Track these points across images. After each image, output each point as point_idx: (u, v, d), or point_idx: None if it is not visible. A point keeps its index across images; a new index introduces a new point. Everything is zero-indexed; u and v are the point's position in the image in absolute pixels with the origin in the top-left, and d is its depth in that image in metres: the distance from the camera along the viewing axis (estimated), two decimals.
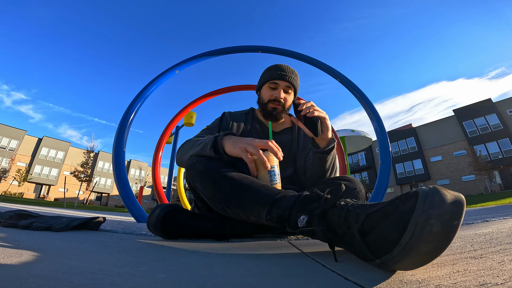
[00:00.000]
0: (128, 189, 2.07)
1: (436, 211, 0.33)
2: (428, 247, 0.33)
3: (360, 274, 0.38)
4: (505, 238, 0.64)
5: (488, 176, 19.60)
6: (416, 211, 0.34)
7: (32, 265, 0.39)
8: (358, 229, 0.42)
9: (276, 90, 1.05)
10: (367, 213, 0.43)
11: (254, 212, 0.64)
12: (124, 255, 0.53)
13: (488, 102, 21.27)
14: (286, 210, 0.57)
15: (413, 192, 0.38)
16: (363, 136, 5.19)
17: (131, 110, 2.19)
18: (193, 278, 0.36)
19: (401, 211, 0.37)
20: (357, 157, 29.89)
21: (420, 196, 0.35)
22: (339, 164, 2.84)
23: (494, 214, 1.54)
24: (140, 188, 8.53)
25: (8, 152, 24.19)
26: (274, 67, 1.08)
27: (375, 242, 0.39)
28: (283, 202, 0.60)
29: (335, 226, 0.48)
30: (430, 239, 0.33)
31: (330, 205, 0.51)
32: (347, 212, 0.47)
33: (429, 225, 0.33)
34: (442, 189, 0.35)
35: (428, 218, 0.33)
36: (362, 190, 0.81)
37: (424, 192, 0.35)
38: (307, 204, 0.56)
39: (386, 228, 0.38)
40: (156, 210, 0.82)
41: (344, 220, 0.46)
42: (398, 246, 0.34)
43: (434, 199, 0.34)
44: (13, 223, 0.96)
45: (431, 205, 0.33)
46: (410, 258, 0.34)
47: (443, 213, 0.33)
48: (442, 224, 0.33)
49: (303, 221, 0.53)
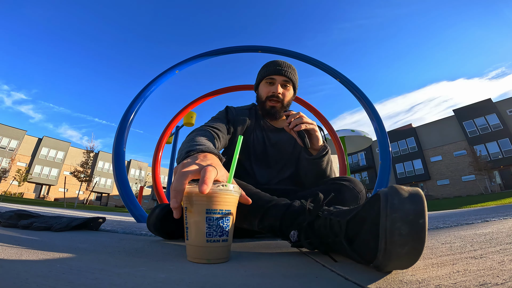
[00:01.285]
0: (128, 189, 2.07)
1: (398, 214, 0.33)
2: (406, 249, 0.33)
3: (360, 274, 0.38)
4: (505, 238, 0.64)
5: (488, 176, 19.59)
6: (381, 217, 0.34)
7: (32, 265, 0.39)
8: (344, 237, 0.43)
9: (274, 86, 1.02)
10: (346, 220, 0.43)
11: (246, 220, 0.64)
12: (124, 255, 0.53)
13: (488, 102, 21.26)
14: (277, 221, 0.58)
15: (376, 195, 0.38)
16: (363, 136, 5.19)
17: (131, 110, 2.19)
18: (193, 278, 0.36)
19: (372, 216, 0.38)
20: (357, 157, 29.89)
21: (381, 200, 0.35)
22: (339, 164, 2.84)
23: (494, 214, 1.54)
24: (140, 188, 8.53)
25: (8, 152, 24.18)
26: (270, 63, 1.06)
27: (361, 249, 0.40)
28: (273, 212, 0.60)
29: (324, 236, 0.48)
30: (404, 241, 0.33)
31: (314, 216, 0.52)
32: (330, 221, 0.47)
33: (396, 229, 0.33)
34: (399, 188, 0.35)
35: (394, 223, 0.33)
36: (362, 190, 0.80)
37: (384, 194, 0.36)
38: (295, 218, 0.57)
39: (366, 234, 0.39)
40: (156, 210, 0.82)
41: (330, 230, 0.47)
42: (379, 251, 0.34)
43: (393, 201, 0.34)
44: (13, 223, 0.96)
45: (392, 209, 0.33)
46: (395, 261, 0.34)
47: (406, 214, 0.33)
48: (408, 225, 0.32)
49: (294, 235, 0.54)
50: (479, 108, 21.51)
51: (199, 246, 0.45)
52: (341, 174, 2.85)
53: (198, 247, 0.45)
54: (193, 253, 0.46)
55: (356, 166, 29.56)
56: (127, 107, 2.21)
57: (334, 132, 3.04)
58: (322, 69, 2.57)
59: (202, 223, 0.44)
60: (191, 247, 0.46)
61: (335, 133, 3.06)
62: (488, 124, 20.90)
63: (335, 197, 0.62)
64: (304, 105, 3.02)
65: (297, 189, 0.94)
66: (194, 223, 0.45)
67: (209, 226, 0.44)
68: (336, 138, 3.01)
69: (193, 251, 0.46)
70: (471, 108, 21.99)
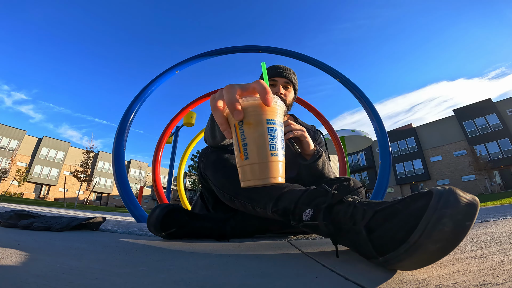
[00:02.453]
0: (128, 189, 2.07)
1: (450, 210, 0.33)
2: (436, 246, 0.33)
3: (360, 274, 0.38)
4: (505, 238, 0.64)
5: (488, 176, 19.60)
6: (429, 209, 0.34)
7: (32, 265, 0.39)
8: (365, 226, 0.42)
9: (275, 87, 1.07)
10: (374, 210, 0.43)
11: (260, 203, 0.65)
12: (124, 255, 0.52)
13: (488, 102, 21.27)
14: (292, 203, 0.58)
15: (426, 192, 0.37)
16: (363, 136, 5.20)
17: (131, 110, 2.19)
18: (193, 278, 0.36)
19: (412, 209, 0.37)
20: (357, 157, 29.89)
21: (435, 195, 0.35)
22: (339, 164, 2.84)
23: (494, 214, 1.54)
24: (140, 188, 8.54)
25: (8, 152, 24.18)
26: (271, 67, 1.11)
27: (381, 240, 0.39)
28: (289, 195, 0.60)
29: (341, 222, 0.47)
30: (440, 238, 0.32)
31: (337, 200, 0.50)
32: (354, 208, 0.46)
33: (441, 224, 0.32)
34: (457, 190, 0.35)
35: (441, 217, 0.32)
36: (362, 190, 0.81)
37: (439, 191, 0.35)
38: (314, 198, 0.56)
39: (394, 226, 0.38)
40: (156, 210, 0.82)
41: (350, 216, 0.46)
42: (406, 243, 0.34)
43: (449, 198, 0.33)
44: (13, 223, 0.96)
45: (445, 204, 0.33)
46: (415, 257, 0.34)
47: (457, 213, 0.33)
48: (454, 223, 0.32)
49: (308, 214, 0.53)
50: (479, 108, 21.52)
51: (264, 162, 0.41)
52: (341, 174, 2.85)
53: (262, 164, 0.41)
54: (257, 172, 0.41)
55: (356, 166, 29.57)
56: (127, 107, 2.21)
57: (334, 132, 3.04)
58: (322, 69, 2.57)
59: (265, 134, 0.41)
60: (253, 166, 0.41)
61: (335, 133, 3.05)
62: (488, 124, 20.90)
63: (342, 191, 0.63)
64: (304, 105, 3.02)
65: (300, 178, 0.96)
66: (258, 136, 0.41)
67: (272, 137, 0.41)
68: (336, 138, 3.01)
69: (257, 170, 0.41)
70: (471, 108, 21.99)
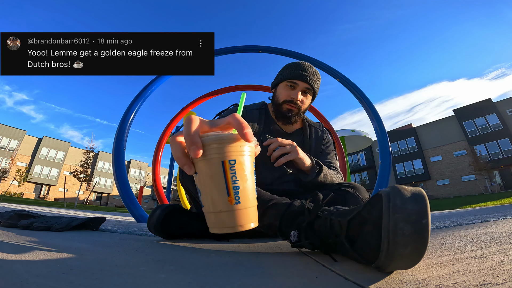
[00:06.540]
0: (128, 189, 2.07)
1: (401, 214, 0.33)
2: (409, 249, 0.33)
3: (360, 274, 0.38)
4: (505, 238, 0.64)
5: (488, 176, 19.58)
6: (384, 218, 0.34)
7: (32, 265, 0.39)
8: (345, 237, 0.43)
9: (294, 91, 0.96)
10: (347, 220, 0.43)
11: None
12: (124, 255, 0.52)
13: (488, 102, 21.25)
14: (277, 220, 0.58)
15: (378, 195, 0.38)
16: (363, 136, 5.20)
17: (131, 110, 2.19)
18: (193, 278, 0.36)
19: (373, 217, 0.38)
20: (357, 157, 29.86)
21: (383, 200, 0.35)
22: (339, 164, 2.84)
23: (494, 214, 1.54)
24: (140, 188, 8.54)
25: (8, 152, 24.16)
26: (295, 65, 0.99)
27: (362, 249, 0.40)
28: (273, 212, 0.60)
29: (325, 236, 0.48)
30: (406, 241, 0.32)
31: (314, 216, 0.52)
32: (331, 221, 0.47)
33: (399, 229, 0.32)
34: (401, 188, 0.35)
35: (396, 223, 0.33)
36: (366, 198, 0.77)
37: (386, 195, 0.35)
38: (294, 218, 0.56)
39: (367, 235, 0.39)
40: (156, 211, 0.82)
41: (330, 230, 0.47)
42: (382, 252, 0.34)
43: (396, 202, 0.34)
44: (13, 223, 0.96)
45: (395, 209, 0.33)
46: (398, 262, 0.34)
47: (409, 214, 0.33)
48: (411, 226, 0.32)
49: (294, 236, 0.54)
50: (479, 108, 21.50)
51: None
52: None
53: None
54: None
55: (356, 166, 29.54)
56: (127, 107, 2.21)
57: (334, 132, 3.05)
58: (322, 69, 2.57)
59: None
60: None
61: (335, 133, 3.06)
62: (488, 124, 20.88)
63: (338, 203, 0.61)
64: None
65: (301, 190, 0.93)
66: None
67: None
68: (336, 138, 3.02)
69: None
70: (471, 108, 21.97)
